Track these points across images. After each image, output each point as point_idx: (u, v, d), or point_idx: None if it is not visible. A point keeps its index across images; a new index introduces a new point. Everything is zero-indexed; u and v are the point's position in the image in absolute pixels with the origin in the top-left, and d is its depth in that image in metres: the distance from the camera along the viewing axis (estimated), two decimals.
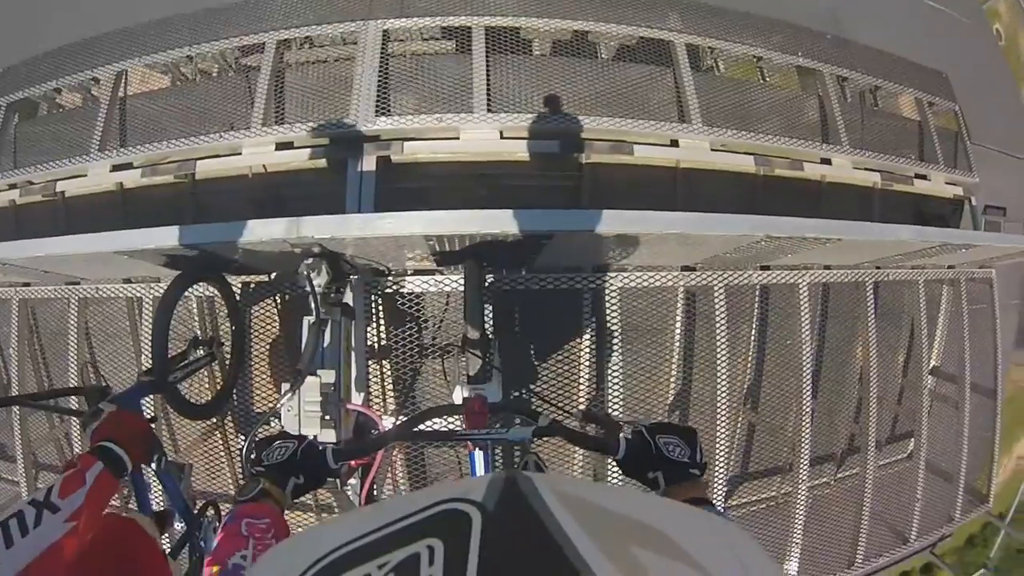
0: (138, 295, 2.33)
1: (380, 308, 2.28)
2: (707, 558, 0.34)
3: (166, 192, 2.60)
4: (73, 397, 2.11)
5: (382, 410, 2.38)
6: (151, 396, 1.87)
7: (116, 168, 2.61)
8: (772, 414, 2.70)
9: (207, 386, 2.45)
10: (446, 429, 1.93)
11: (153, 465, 1.57)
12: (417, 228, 1.65)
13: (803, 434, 2.56)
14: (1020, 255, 2.80)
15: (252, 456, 0.97)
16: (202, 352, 2.06)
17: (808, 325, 2.56)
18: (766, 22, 2.97)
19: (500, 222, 1.66)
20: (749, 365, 2.62)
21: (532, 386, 2.27)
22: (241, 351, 2.21)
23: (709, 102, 2.62)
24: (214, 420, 2.47)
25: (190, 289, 2.16)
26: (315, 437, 1.60)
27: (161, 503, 1.94)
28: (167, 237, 1.68)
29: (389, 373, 2.36)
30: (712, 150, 2.54)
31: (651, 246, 2.06)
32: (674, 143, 2.51)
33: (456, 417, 1.61)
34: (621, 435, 0.99)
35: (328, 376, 1.63)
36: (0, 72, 3.05)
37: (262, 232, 1.63)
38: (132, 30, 2.85)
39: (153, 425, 1.57)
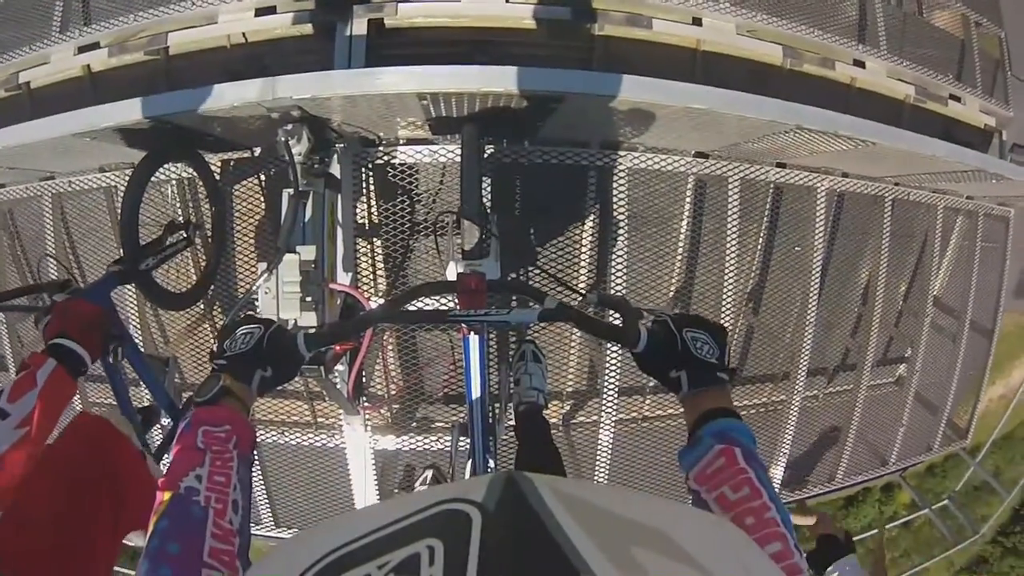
0: (113, 183, 2.20)
1: (370, 181, 2.13)
2: (708, 559, 0.34)
3: (138, 72, 2.39)
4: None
5: (371, 291, 2.31)
6: (124, 286, 1.72)
7: (82, 50, 2.39)
8: (772, 319, 2.65)
9: (190, 274, 2.34)
10: (438, 309, 1.84)
11: (112, 357, 1.46)
12: (410, 84, 1.49)
13: (803, 344, 2.53)
14: None
15: (214, 348, 0.86)
16: (179, 237, 1.90)
17: (820, 232, 2.48)
18: None
19: (505, 79, 1.50)
20: (755, 266, 2.54)
21: (532, 267, 2.19)
22: (222, 234, 2.07)
23: None
24: (200, 309, 2.38)
25: (165, 171, 2.04)
26: (287, 322, 1.48)
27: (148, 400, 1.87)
28: (129, 111, 1.53)
29: (379, 252, 2.26)
30: (738, 34, 2.33)
31: (665, 126, 1.91)
32: (697, 21, 2.30)
33: (450, 297, 1.52)
34: (642, 324, 0.87)
35: (308, 253, 1.51)
36: None
37: (234, 96, 1.48)
38: None
39: (127, 309, 1.49)
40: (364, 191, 2.13)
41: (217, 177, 2.09)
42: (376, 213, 2.19)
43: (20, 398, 1.01)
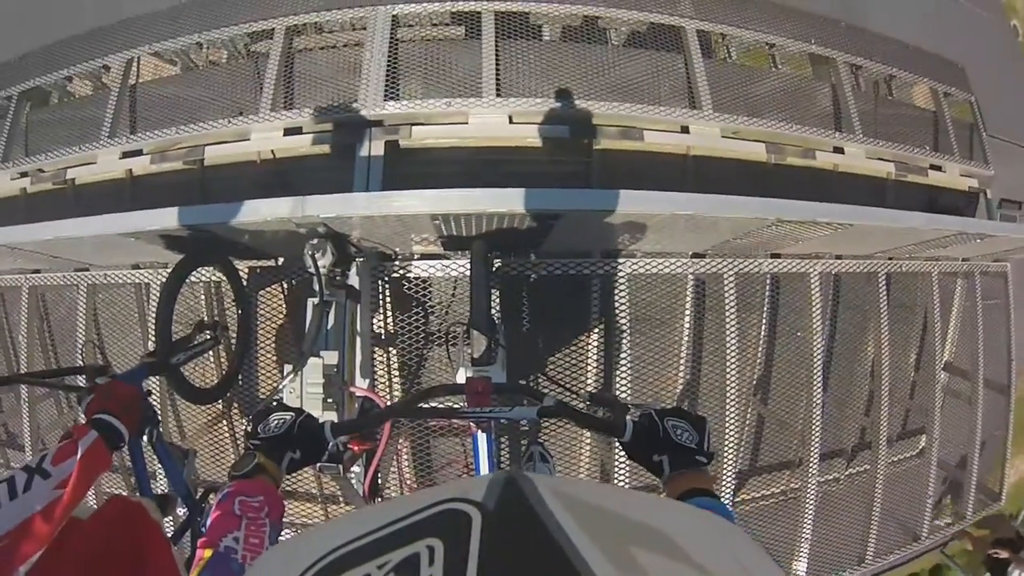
0: (146, 280, 2.33)
1: (386, 293, 2.25)
2: (707, 558, 0.34)
3: (175, 179, 2.60)
4: (77, 377, 2.14)
5: (388, 395, 2.37)
6: (154, 377, 1.86)
7: (126, 155, 2.61)
8: (782, 407, 2.65)
9: (212, 371, 2.44)
10: (449, 406, 1.92)
11: (145, 438, 1.55)
12: (424, 206, 1.63)
13: (813, 428, 2.52)
14: None
15: (248, 429, 0.95)
16: (207, 336, 2.04)
17: (819, 316, 2.52)
18: (779, 9, 2.93)
19: (508, 200, 1.64)
20: (759, 356, 2.58)
21: (538, 372, 2.25)
22: (247, 336, 2.19)
23: (720, 88, 2.59)
24: (220, 406, 2.46)
25: (197, 274, 2.17)
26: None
27: (164, 488, 1.93)
28: (173, 218, 1.68)
29: (395, 360, 2.34)
30: (723, 137, 2.50)
31: (660, 231, 2.03)
32: (684, 130, 2.48)
33: (459, 398, 1.60)
34: (628, 417, 0.96)
35: (331, 358, 1.62)
36: (18, 58, 3.08)
37: (267, 211, 1.62)
38: (143, 17, 2.86)
39: (152, 400, 1.56)
40: (381, 302, 2.25)
41: (244, 282, 2.22)
42: (392, 323, 2.30)
43: (62, 462, 1.06)
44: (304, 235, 1.73)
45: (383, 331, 2.28)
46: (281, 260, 2.26)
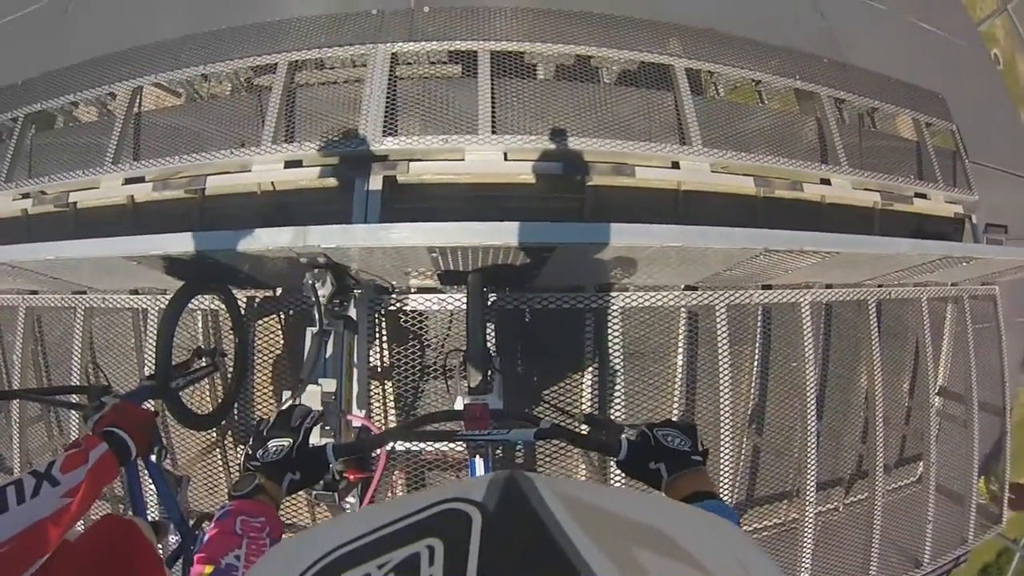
0: (144, 306, 2.34)
1: (383, 326, 2.29)
2: (708, 558, 0.33)
3: (176, 207, 2.63)
4: (75, 397, 2.10)
5: (383, 427, 2.38)
6: (152, 400, 1.83)
7: (128, 181, 2.65)
8: (777, 437, 2.66)
9: (208, 399, 2.45)
10: (447, 429, 1.94)
11: (153, 457, 1.58)
12: (421, 238, 1.68)
13: (809, 458, 2.52)
14: (1021, 269, 2.79)
15: (248, 452, 0.97)
16: (205, 363, 2.07)
17: (811, 345, 2.54)
18: (763, 47, 3.03)
19: (503, 233, 1.68)
20: (753, 386, 2.60)
21: (534, 402, 2.27)
22: (244, 365, 2.21)
23: (709, 124, 2.66)
24: (214, 434, 2.46)
25: (196, 302, 2.20)
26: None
27: (157, 515, 1.94)
28: (176, 243, 1.72)
29: (391, 391, 2.36)
30: (712, 171, 2.57)
31: (653, 264, 2.07)
32: (675, 165, 2.55)
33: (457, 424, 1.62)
34: (623, 436, 1.00)
35: (329, 385, 1.65)
36: (20, 83, 3.12)
37: (269, 240, 1.66)
38: (150, 47, 2.93)
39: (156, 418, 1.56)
40: (378, 335, 2.28)
41: (242, 312, 2.25)
42: (389, 355, 2.32)
43: (71, 471, 1.06)
44: (304, 265, 1.77)
45: (380, 363, 2.30)
46: (279, 291, 2.29)
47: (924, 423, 3.03)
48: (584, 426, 1.90)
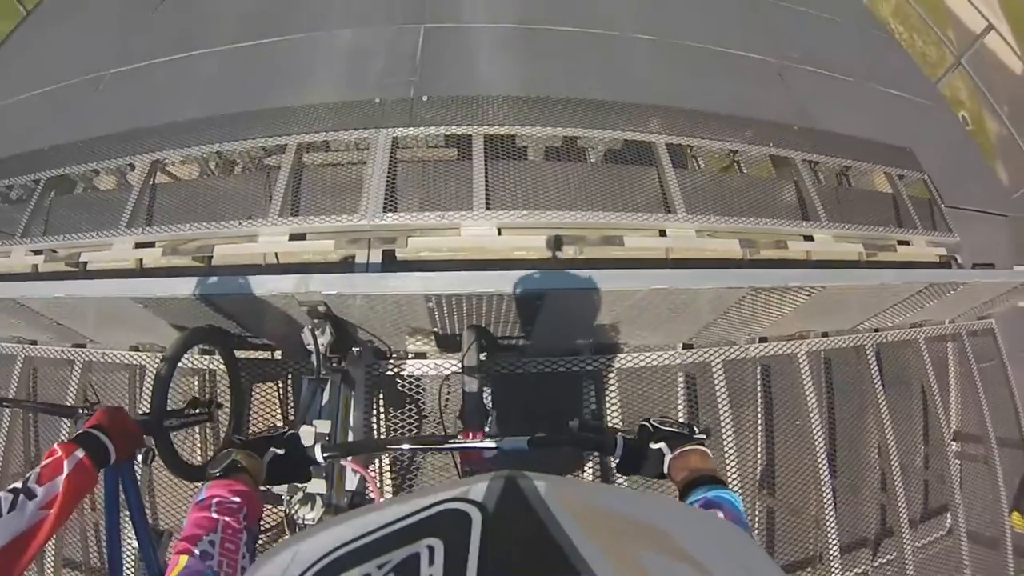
0: (142, 363, 2.37)
1: (380, 390, 2.32)
2: (709, 559, 0.33)
3: (183, 274, 2.67)
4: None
5: (379, 484, 2.35)
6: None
7: (139, 245, 2.74)
8: (792, 497, 2.59)
9: (198, 452, 2.45)
10: (442, 435, 1.91)
11: (140, 458, 1.53)
12: (416, 286, 1.76)
13: (828, 519, 2.44)
14: (1011, 293, 2.79)
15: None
16: (200, 411, 2.06)
17: (814, 397, 2.53)
18: (737, 120, 3.25)
19: (493, 281, 1.77)
20: (759, 448, 2.58)
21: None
22: (239, 422, 2.20)
23: (691, 193, 2.81)
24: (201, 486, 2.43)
25: (194, 361, 2.28)
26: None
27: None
28: (185, 287, 1.79)
29: (387, 459, 2.35)
30: (699, 236, 2.69)
31: (644, 315, 2.10)
32: (662, 233, 2.67)
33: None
34: (618, 435, 1.00)
35: (324, 426, 1.63)
36: (47, 148, 3.32)
37: (273, 285, 1.75)
38: (171, 125, 3.16)
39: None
40: (374, 397, 2.31)
41: (240, 370, 2.24)
42: (385, 416, 2.34)
43: (49, 481, 1.04)
44: (306, 317, 1.84)
45: (376, 425, 2.32)
46: (279, 354, 2.36)
47: (944, 469, 2.93)
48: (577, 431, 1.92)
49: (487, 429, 1.62)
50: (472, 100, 3.07)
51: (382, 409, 2.34)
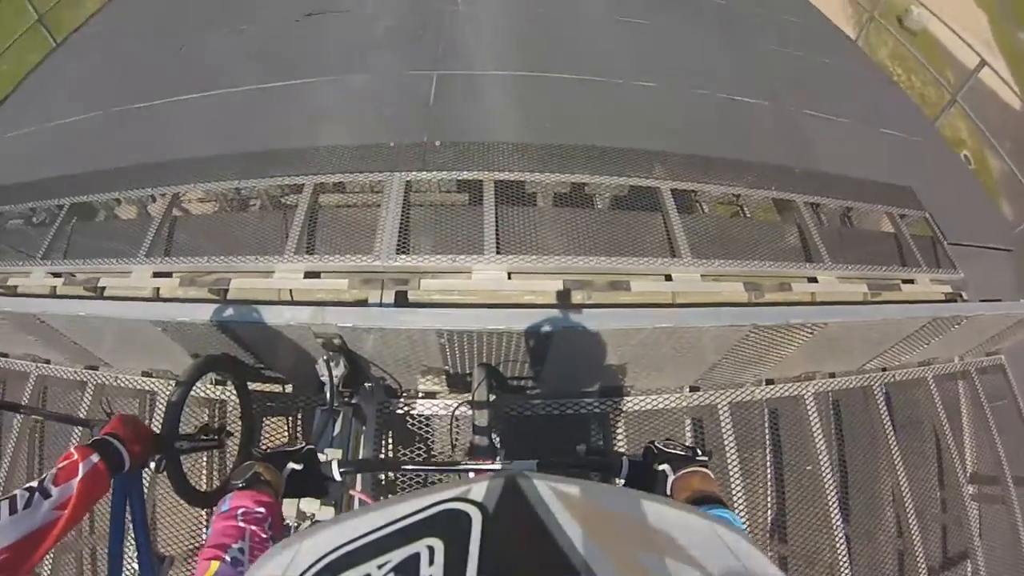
0: (154, 389, 2.41)
1: (390, 430, 2.36)
2: (709, 560, 0.33)
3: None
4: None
5: None
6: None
7: (157, 275, 2.79)
8: (804, 543, 2.53)
9: (205, 479, 2.48)
10: (451, 460, 1.93)
11: (153, 464, 1.53)
12: (429, 322, 1.82)
13: (841, 568, 2.39)
14: (1018, 326, 2.77)
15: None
16: (210, 437, 2.03)
17: (823, 440, 2.52)
18: (740, 164, 3.34)
19: (502, 318, 1.84)
20: (769, 493, 2.56)
21: None
22: (248, 453, 2.17)
23: (696, 238, 2.87)
24: (204, 515, 2.43)
25: (207, 391, 2.32)
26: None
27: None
28: (205, 312, 1.85)
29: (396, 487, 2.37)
30: (704, 280, 2.72)
31: (649, 354, 2.14)
32: (668, 278, 2.71)
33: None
34: (624, 457, 1.03)
35: (334, 454, 1.66)
36: (72, 176, 3.43)
37: (291, 315, 1.81)
38: (194, 160, 3.28)
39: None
40: (384, 433, 2.34)
41: (252, 401, 2.27)
42: (394, 452, 2.37)
43: (64, 483, 1.07)
44: (320, 349, 1.89)
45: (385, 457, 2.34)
46: (289, 388, 2.41)
47: (962, 513, 2.87)
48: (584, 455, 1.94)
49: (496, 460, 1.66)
50: (483, 146, 3.18)
51: (391, 445, 2.38)
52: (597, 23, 4.53)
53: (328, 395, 1.76)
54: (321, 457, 1.16)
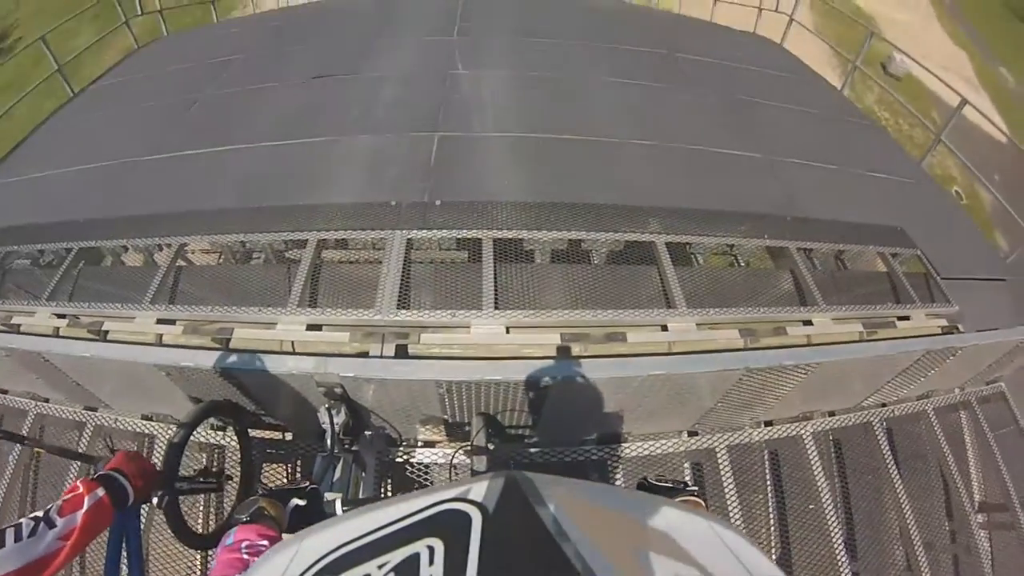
0: (152, 432, 2.44)
1: (389, 477, 2.43)
2: (709, 560, 0.34)
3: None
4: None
5: None
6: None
7: (161, 322, 2.82)
8: None
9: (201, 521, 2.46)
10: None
11: (155, 500, 1.55)
12: (427, 373, 1.89)
13: None
14: (1014, 353, 2.79)
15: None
16: (210, 481, 2.02)
17: (824, 479, 2.53)
18: (732, 215, 3.45)
19: (498, 370, 1.91)
20: (772, 535, 2.55)
21: None
22: (248, 495, 2.15)
23: (691, 288, 2.95)
24: (198, 557, 2.42)
25: (207, 435, 2.35)
26: None
27: None
28: (209, 359, 1.91)
29: None
30: (699, 329, 2.77)
31: (646, 401, 2.19)
32: (664, 328, 2.77)
33: None
34: None
35: (334, 497, 1.72)
36: (82, 221, 3.52)
37: (293, 364, 1.89)
38: (202, 213, 3.38)
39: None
40: (384, 480, 2.40)
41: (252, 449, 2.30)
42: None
43: (69, 514, 1.11)
44: (321, 398, 1.96)
45: None
46: (289, 436, 2.47)
47: (971, 543, 2.85)
48: None
49: None
50: (482, 205, 3.31)
51: (391, 492, 2.43)
52: (594, 85, 4.76)
53: (329, 442, 1.83)
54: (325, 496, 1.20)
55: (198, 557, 2.43)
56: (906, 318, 3.39)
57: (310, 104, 4.52)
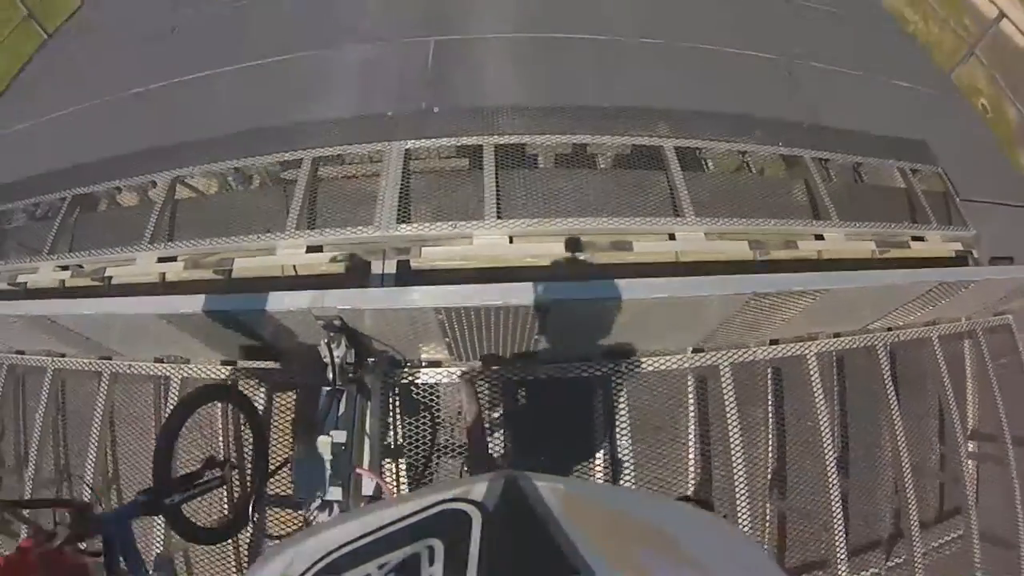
0: (166, 374, 2.47)
1: (396, 398, 2.38)
2: (709, 558, 0.34)
3: (203, 287, 2.77)
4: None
5: (394, 489, 2.39)
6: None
7: (162, 260, 2.83)
8: (802, 500, 2.57)
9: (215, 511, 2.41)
10: None
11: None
12: (427, 300, 1.83)
13: (835, 521, 2.42)
14: None
15: None
16: (214, 474, 1.89)
17: (825, 399, 2.52)
18: (747, 120, 3.26)
19: (499, 293, 1.83)
20: (770, 449, 2.57)
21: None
22: (263, 475, 2.04)
23: (700, 196, 2.82)
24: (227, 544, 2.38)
25: (217, 407, 2.32)
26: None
27: None
28: (206, 303, 1.88)
29: (403, 463, 2.41)
30: (708, 239, 2.69)
31: (651, 320, 2.13)
32: (671, 237, 2.69)
33: None
34: None
35: (340, 436, 1.70)
36: (72, 167, 3.46)
37: (291, 302, 1.83)
38: (190, 143, 3.27)
39: (101, 560, 1.44)
40: (390, 406, 2.36)
41: (260, 418, 2.20)
42: (400, 426, 2.40)
43: None
44: (322, 331, 1.90)
45: (393, 441, 2.38)
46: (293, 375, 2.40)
47: (958, 470, 2.89)
48: None
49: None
50: (482, 111, 3.13)
51: (397, 415, 2.40)
52: None
53: (331, 376, 1.78)
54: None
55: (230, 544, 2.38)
56: (921, 239, 3.27)
57: (297, 17, 4.20)
